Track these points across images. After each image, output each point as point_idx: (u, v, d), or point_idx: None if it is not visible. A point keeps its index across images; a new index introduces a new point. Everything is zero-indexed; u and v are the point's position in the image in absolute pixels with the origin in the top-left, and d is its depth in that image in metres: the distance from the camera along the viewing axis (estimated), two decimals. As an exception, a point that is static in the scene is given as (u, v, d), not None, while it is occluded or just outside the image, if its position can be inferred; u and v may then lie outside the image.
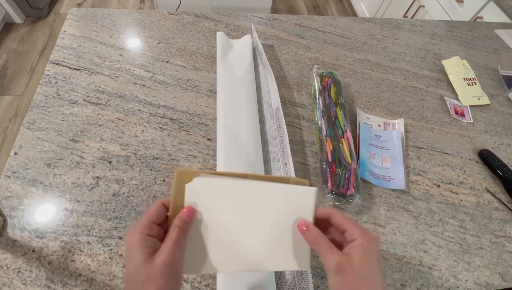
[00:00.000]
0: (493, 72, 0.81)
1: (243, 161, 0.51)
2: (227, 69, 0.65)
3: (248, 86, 0.63)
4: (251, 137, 0.55)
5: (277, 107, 0.57)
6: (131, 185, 0.50)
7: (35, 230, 0.44)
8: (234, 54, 0.69)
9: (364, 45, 0.81)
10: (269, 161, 0.55)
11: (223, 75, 0.64)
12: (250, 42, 0.71)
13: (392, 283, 0.46)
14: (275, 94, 0.58)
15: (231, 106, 0.59)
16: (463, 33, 0.92)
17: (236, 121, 0.57)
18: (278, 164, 0.52)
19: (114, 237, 0.45)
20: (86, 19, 0.74)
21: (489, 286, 0.47)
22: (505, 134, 0.67)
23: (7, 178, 0.49)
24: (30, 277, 0.41)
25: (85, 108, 0.58)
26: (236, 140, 0.54)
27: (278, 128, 0.55)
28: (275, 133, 0.56)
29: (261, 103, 0.64)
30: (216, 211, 0.30)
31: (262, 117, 0.62)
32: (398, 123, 0.64)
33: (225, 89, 0.61)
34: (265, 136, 0.59)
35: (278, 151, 0.53)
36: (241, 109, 0.58)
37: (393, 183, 0.55)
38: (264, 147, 0.57)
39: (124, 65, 0.66)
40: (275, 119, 0.57)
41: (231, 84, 0.62)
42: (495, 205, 0.56)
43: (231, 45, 0.71)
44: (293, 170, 0.47)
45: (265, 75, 0.66)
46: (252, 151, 0.53)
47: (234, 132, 0.55)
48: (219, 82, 0.63)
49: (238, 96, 0.60)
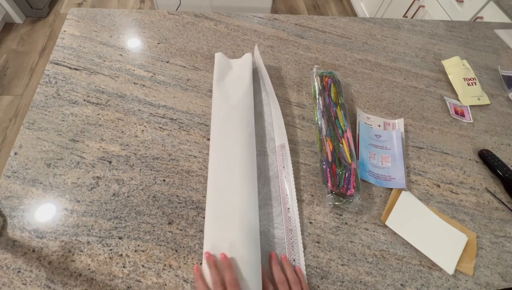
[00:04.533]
0: (493, 72, 0.81)
1: (233, 209, 0.46)
2: (223, 94, 0.59)
3: (245, 113, 0.56)
4: (245, 174, 0.49)
5: (282, 144, 0.53)
6: (131, 185, 0.50)
7: (35, 230, 0.44)
8: (232, 76, 0.63)
9: (364, 45, 0.81)
10: (268, 201, 0.50)
11: (218, 101, 0.58)
12: (250, 62, 0.65)
13: (392, 283, 0.46)
14: (281, 129, 0.54)
15: (224, 139, 0.53)
16: (463, 33, 0.92)
17: (229, 155, 0.51)
18: (279, 206, 0.50)
19: (114, 237, 0.45)
20: (86, 19, 0.74)
21: (489, 286, 0.47)
22: (505, 134, 0.67)
23: (7, 178, 0.49)
24: (30, 277, 0.41)
25: (85, 108, 0.58)
26: (227, 183, 0.48)
27: (282, 167, 0.52)
28: (277, 171, 0.52)
29: (262, 134, 0.58)
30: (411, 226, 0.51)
31: (262, 150, 0.56)
32: (398, 123, 0.64)
33: (219, 117, 0.56)
34: (265, 172, 0.53)
35: (279, 193, 0.51)
36: (235, 141, 0.52)
37: (393, 182, 0.55)
38: (264, 185, 0.52)
39: (124, 65, 0.66)
40: (278, 156, 0.53)
41: (226, 111, 0.56)
42: (495, 205, 0.56)
43: (230, 66, 0.66)
44: (297, 216, 0.48)
45: (269, 102, 0.61)
46: (245, 192, 0.47)
47: (227, 169, 0.49)
48: (214, 109, 0.58)
49: (233, 126, 0.54)
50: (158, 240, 0.46)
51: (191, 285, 0.43)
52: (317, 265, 0.46)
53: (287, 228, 0.48)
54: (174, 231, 0.47)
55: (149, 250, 0.45)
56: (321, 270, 0.46)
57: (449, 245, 0.50)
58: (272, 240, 0.47)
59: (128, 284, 0.42)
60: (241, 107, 0.57)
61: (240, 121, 0.55)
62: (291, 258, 0.46)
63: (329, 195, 0.51)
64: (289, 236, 0.48)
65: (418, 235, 0.50)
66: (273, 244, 0.47)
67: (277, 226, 0.49)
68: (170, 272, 0.43)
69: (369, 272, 0.47)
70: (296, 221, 0.49)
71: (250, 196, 0.47)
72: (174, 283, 0.43)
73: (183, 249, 0.45)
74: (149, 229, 0.46)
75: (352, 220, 0.51)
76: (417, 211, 0.53)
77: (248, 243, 0.43)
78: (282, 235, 0.48)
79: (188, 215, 0.48)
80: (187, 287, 0.42)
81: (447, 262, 0.48)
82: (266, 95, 0.64)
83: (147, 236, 0.46)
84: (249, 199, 0.47)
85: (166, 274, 0.43)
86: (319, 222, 0.50)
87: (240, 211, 0.45)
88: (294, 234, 0.48)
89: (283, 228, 0.48)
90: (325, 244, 0.48)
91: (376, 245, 0.49)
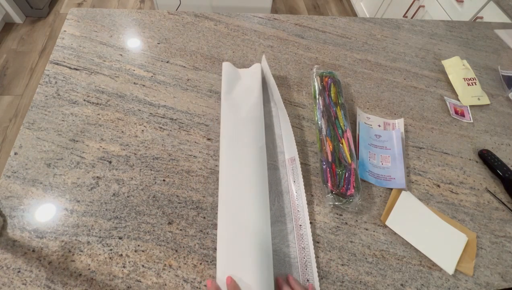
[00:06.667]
0: (493, 72, 0.81)
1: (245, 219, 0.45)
2: (232, 107, 0.57)
3: (255, 125, 0.55)
4: (257, 192, 0.47)
5: (292, 157, 0.52)
6: (131, 185, 0.50)
7: (35, 230, 0.44)
8: (242, 87, 0.61)
9: (364, 45, 0.81)
10: (280, 218, 0.49)
11: (227, 114, 0.56)
12: (259, 73, 0.63)
13: (392, 283, 0.46)
14: (291, 142, 0.53)
15: (235, 154, 0.51)
16: (463, 33, 0.92)
17: (240, 171, 0.49)
18: (291, 223, 0.48)
19: (114, 237, 0.45)
20: (86, 19, 0.74)
21: (489, 286, 0.47)
22: (505, 134, 0.67)
23: (7, 178, 0.49)
24: (30, 277, 0.41)
25: (85, 108, 0.58)
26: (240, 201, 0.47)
27: (293, 181, 0.50)
28: (288, 186, 0.51)
29: (271, 147, 0.56)
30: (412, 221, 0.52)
31: (273, 164, 0.54)
32: (398, 123, 0.64)
33: (228, 130, 0.54)
34: (275, 187, 0.52)
35: (291, 209, 0.49)
36: (246, 156, 0.50)
37: (393, 182, 0.55)
38: (275, 201, 0.50)
39: (124, 65, 0.66)
40: (288, 170, 0.52)
41: (236, 125, 0.55)
42: (495, 205, 0.56)
43: (238, 76, 0.64)
44: (310, 234, 0.46)
45: (277, 114, 0.60)
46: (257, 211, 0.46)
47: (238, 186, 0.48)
48: (223, 122, 0.56)
49: (244, 139, 0.52)
50: (158, 240, 0.46)
51: (191, 285, 0.43)
52: (317, 265, 0.46)
53: (300, 246, 0.46)
54: (174, 231, 0.47)
55: (149, 250, 0.45)
56: (321, 270, 0.46)
57: (449, 245, 0.50)
58: (284, 259, 0.46)
59: (128, 284, 0.42)
60: (251, 120, 0.55)
61: (251, 135, 0.53)
62: (304, 279, 0.44)
63: (329, 195, 0.51)
64: (302, 255, 0.46)
65: (418, 235, 0.50)
66: (285, 263, 0.45)
67: (290, 244, 0.47)
68: (170, 272, 0.43)
69: (369, 272, 0.47)
70: (309, 239, 0.46)
71: (263, 216, 0.45)
72: (174, 283, 0.43)
73: (183, 249, 0.45)
74: (149, 229, 0.46)
75: (352, 220, 0.51)
76: (417, 211, 0.53)
77: (261, 265, 0.41)
78: (295, 253, 0.46)
79: (188, 215, 0.48)
80: (187, 287, 0.42)
81: (447, 262, 0.48)
82: (274, 106, 0.62)
83: (147, 236, 0.46)
84: (261, 220, 0.45)
85: (166, 274, 0.43)
86: (319, 222, 0.50)
87: (253, 232, 0.43)
88: (307, 253, 0.46)
89: (295, 246, 0.46)
90: (325, 244, 0.48)
91: (376, 245, 0.49)
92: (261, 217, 0.45)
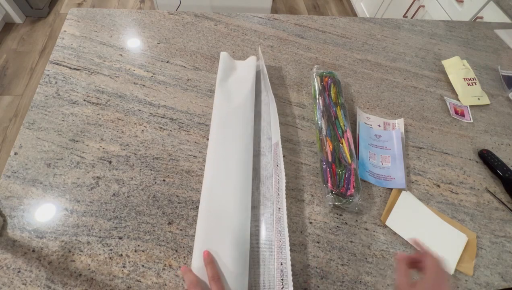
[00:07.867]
0: (493, 72, 0.81)
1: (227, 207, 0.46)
2: (225, 95, 0.60)
3: (245, 115, 0.57)
4: (240, 176, 0.49)
5: (276, 142, 0.52)
6: (131, 185, 0.50)
7: (35, 230, 0.44)
8: (236, 77, 0.64)
9: (364, 45, 0.81)
10: (262, 202, 0.49)
11: (220, 101, 0.59)
12: (254, 65, 0.66)
13: (392, 283, 0.46)
14: (276, 127, 0.53)
15: (222, 139, 0.53)
16: (463, 33, 0.92)
17: (227, 155, 0.52)
18: (271, 207, 0.47)
19: (114, 237, 0.45)
20: (86, 19, 0.74)
21: (489, 286, 0.47)
22: (505, 134, 0.67)
23: (7, 178, 0.49)
24: (30, 277, 0.41)
25: (85, 108, 0.58)
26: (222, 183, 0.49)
27: (276, 166, 0.50)
28: (272, 171, 0.50)
29: (259, 135, 0.58)
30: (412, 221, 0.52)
31: (259, 150, 0.56)
32: (398, 123, 0.64)
33: (219, 117, 0.57)
34: (260, 172, 0.53)
35: (272, 192, 0.48)
36: (233, 144, 0.53)
37: (393, 182, 0.55)
38: (259, 186, 0.51)
39: (124, 65, 0.66)
40: (273, 155, 0.51)
41: (227, 112, 0.57)
42: (495, 205, 0.56)
43: (234, 67, 0.66)
44: (285, 218, 0.43)
45: (268, 102, 0.61)
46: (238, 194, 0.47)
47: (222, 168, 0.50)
48: (215, 108, 0.59)
49: (233, 128, 0.55)
50: (158, 240, 0.46)
51: (191, 285, 0.43)
52: (317, 265, 0.46)
53: (277, 229, 0.44)
54: (174, 231, 0.47)
55: (149, 250, 0.45)
56: (321, 270, 0.46)
57: (449, 245, 0.50)
58: (262, 243, 0.45)
59: (128, 284, 0.42)
60: (242, 109, 0.58)
61: (240, 123, 0.56)
62: (278, 262, 0.41)
63: (329, 195, 0.51)
64: (278, 238, 0.43)
65: (418, 235, 0.50)
66: (262, 246, 0.45)
67: (268, 228, 0.46)
68: (170, 272, 0.43)
69: (369, 272, 0.47)
70: (284, 222, 0.43)
71: (244, 199, 0.47)
72: (174, 283, 0.43)
73: (183, 249, 0.45)
74: (149, 229, 0.46)
75: (352, 220, 0.51)
76: (417, 211, 0.53)
77: (236, 245, 0.43)
78: (272, 237, 0.44)
79: (188, 215, 0.48)
80: (187, 287, 0.42)
81: (447, 262, 0.48)
82: (266, 95, 0.64)
83: (147, 236, 0.46)
84: (241, 202, 0.47)
85: (166, 274, 0.43)
86: (319, 222, 0.50)
87: (231, 214, 0.45)
88: (282, 236, 0.43)
89: (273, 229, 0.45)
90: (325, 244, 0.48)
91: (376, 245, 0.49)
92: (241, 200, 0.47)
